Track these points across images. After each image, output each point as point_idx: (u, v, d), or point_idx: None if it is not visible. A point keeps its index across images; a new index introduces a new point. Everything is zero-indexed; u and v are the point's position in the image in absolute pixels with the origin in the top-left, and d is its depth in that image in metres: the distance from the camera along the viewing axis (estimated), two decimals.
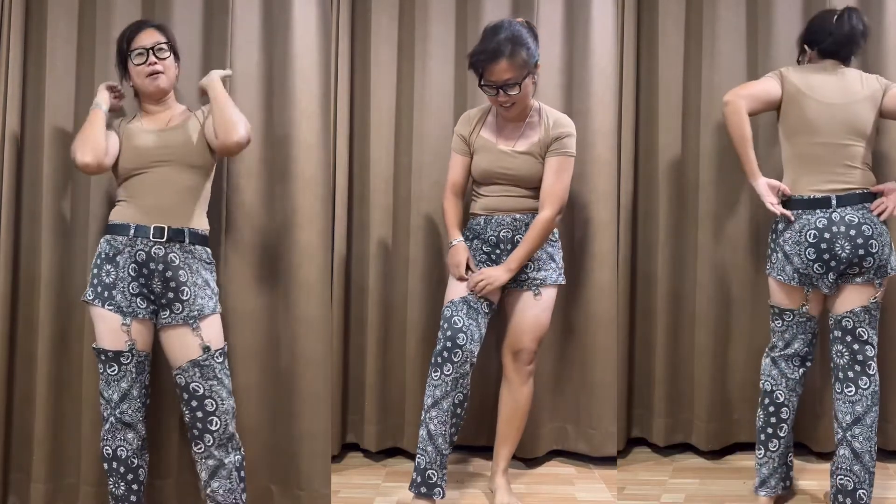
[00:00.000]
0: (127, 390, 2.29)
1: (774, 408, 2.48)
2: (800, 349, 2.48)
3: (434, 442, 2.41)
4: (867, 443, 2.33)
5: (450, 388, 2.41)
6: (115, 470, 2.32)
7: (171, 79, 2.39)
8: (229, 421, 2.29)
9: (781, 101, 2.43)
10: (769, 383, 2.49)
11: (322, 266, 2.62)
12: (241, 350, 2.57)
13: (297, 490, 2.62)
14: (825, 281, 2.37)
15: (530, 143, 2.53)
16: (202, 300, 2.30)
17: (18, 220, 2.61)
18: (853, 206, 2.35)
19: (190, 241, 2.31)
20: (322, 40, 2.67)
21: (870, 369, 2.36)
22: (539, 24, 2.90)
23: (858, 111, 2.39)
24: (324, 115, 2.67)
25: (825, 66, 2.46)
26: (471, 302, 2.50)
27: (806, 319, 2.45)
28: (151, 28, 2.37)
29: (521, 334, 2.58)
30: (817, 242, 2.34)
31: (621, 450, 3.01)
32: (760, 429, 2.51)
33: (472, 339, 2.45)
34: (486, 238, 2.57)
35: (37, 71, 2.60)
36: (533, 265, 2.56)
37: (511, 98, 2.44)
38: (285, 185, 2.61)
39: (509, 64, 2.39)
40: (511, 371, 2.62)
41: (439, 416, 2.41)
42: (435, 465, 2.43)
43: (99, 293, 2.29)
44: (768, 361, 2.51)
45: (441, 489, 2.43)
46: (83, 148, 2.28)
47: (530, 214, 2.55)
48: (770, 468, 2.50)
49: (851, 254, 2.33)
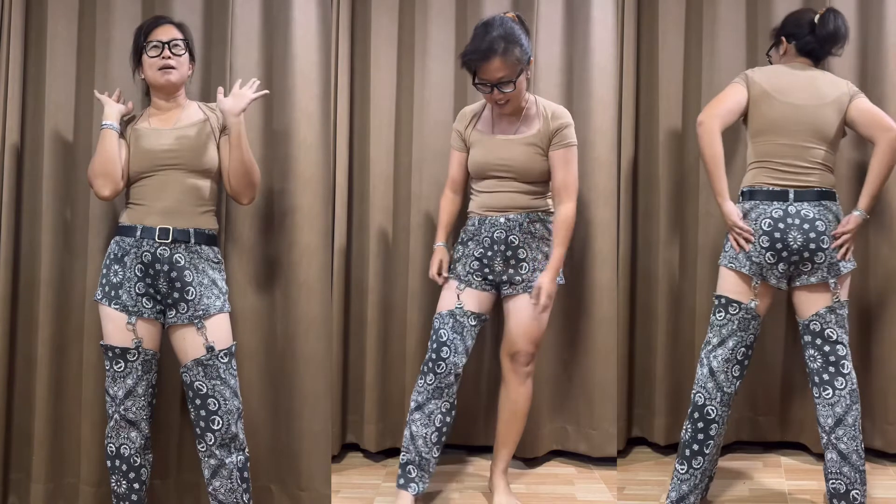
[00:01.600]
0: (132, 387, 2.29)
1: (704, 423, 2.38)
2: (736, 350, 2.40)
3: (415, 443, 2.50)
4: (852, 442, 2.32)
5: (431, 396, 2.50)
6: (117, 468, 2.33)
7: (183, 75, 2.38)
8: (232, 421, 2.29)
9: (748, 104, 2.42)
10: (702, 396, 2.38)
11: (322, 266, 2.62)
12: (241, 350, 2.57)
13: (297, 490, 2.62)
14: (775, 272, 2.36)
15: (529, 133, 2.52)
16: (208, 300, 2.30)
17: (18, 221, 2.61)
18: (810, 201, 2.35)
19: (196, 241, 2.31)
20: (322, 40, 2.67)
21: (844, 368, 2.35)
22: (539, 24, 2.91)
23: (824, 114, 2.38)
24: (324, 115, 2.67)
25: (796, 67, 2.45)
26: (457, 315, 2.53)
27: (751, 317, 2.40)
28: (170, 24, 2.37)
29: (518, 337, 2.57)
30: (771, 231, 2.34)
31: (621, 450, 3.01)
32: (686, 443, 2.40)
33: (457, 352, 2.50)
34: (480, 240, 2.56)
35: (37, 71, 2.60)
36: (529, 266, 2.55)
37: (506, 96, 2.44)
38: (285, 184, 2.61)
39: (503, 62, 2.38)
40: (509, 372, 2.62)
41: (422, 419, 2.50)
42: (414, 464, 2.51)
43: (107, 293, 2.30)
44: (705, 371, 2.40)
45: (416, 485, 2.51)
46: (102, 180, 2.30)
47: (524, 214, 2.54)
48: (691, 484, 2.40)
49: (802, 246, 2.32)
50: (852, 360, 2.39)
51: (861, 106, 2.40)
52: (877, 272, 2.88)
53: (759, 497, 2.69)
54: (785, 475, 2.87)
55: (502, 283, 2.56)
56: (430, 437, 2.51)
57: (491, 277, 2.56)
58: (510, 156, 2.51)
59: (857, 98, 2.41)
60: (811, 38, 2.45)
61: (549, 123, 2.51)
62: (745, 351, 2.41)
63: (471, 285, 2.56)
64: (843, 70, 2.88)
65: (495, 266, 2.55)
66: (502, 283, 2.56)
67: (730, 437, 3.05)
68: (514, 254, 2.53)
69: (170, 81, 2.34)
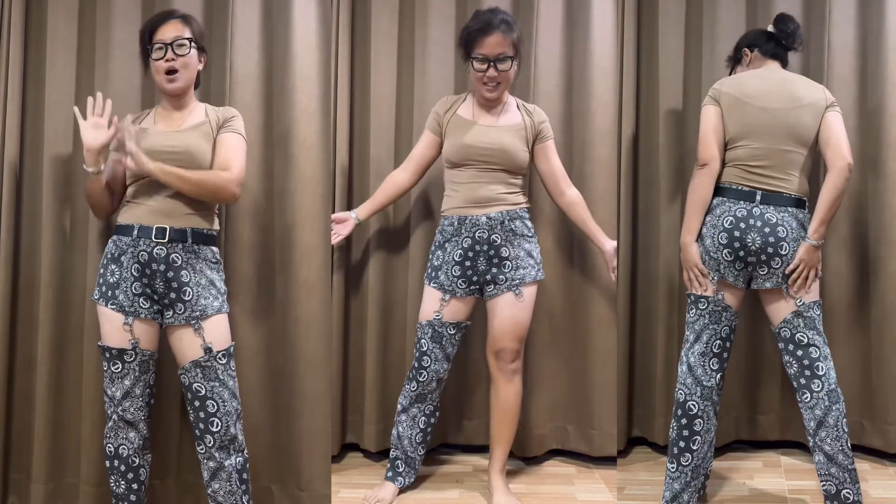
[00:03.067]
0: (129, 388, 2.29)
1: (687, 420, 2.39)
2: (711, 344, 2.40)
3: (402, 442, 2.67)
4: (836, 443, 2.32)
5: (415, 401, 2.64)
6: (115, 468, 2.33)
7: (190, 77, 2.34)
8: (231, 423, 2.28)
9: (722, 118, 2.41)
10: (683, 393, 2.40)
11: (322, 266, 2.62)
12: (241, 350, 2.57)
13: (297, 490, 2.62)
14: (731, 270, 2.36)
15: (514, 123, 2.58)
16: (205, 300, 2.28)
17: (18, 221, 2.61)
18: (777, 206, 2.34)
19: (193, 240, 2.29)
20: (322, 40, 2.67)
21: (818, 370, 2.34)
22: (539, 24, 2.91)
23: (800, 117, 2.36)
24: (324, 115, 2.67)
25: (764, 71, 2.45)
26: (436, 326, 2.58)
27: (721, 309, 2.40)
28: (175, 20, 2.32)
29: (502, 335, 2.59)
30: (731, 229, 2.34)
31: (621, 450, 3.01)
32: (673, 441, 2.41)
33: (437, 360, 2.59)
34: (460, 241, 2.56)
35: (37, 71, 2.60)
36: (511, 264, 2.56)
37: (500, 75, 2.48)
38: (285, 184, 2.61)
39: (503, 37, 2.45)
40: (495, 371, 2.63)
41: (407, 421, 2.66)
42: (401, 460, 2.68)
43: (104, 292, 2.29)
44: (684, 369, 2.42)
45: (402, 479, 2.68)
46: (93, 209, 2.42)
47: (504, 212, 2.54)
48: (683, 483, 2.40)
49: (760, 249, 2.32)
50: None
51: (830, 121, 2.37)
52: (877, 272, 2.88)
53: (759, 497, 2.69)
54: (784, 475, 2.87)
55: (486, 282, 2.58)
56: (414, 438, 2.66)
57: (475, 279, 2.58)
58: (497, 140, 2.54)
59: (832, 111, 2.38)
60: (772, 40, 2.48)
61: (533, 118, 2.60)
62: (721, 343, 2.42)
63: (455, 294, 2.57)
64: (843, 70, 2.89)
65: (479, 266, 2.56)
66: (486, 283, 2.58)
67: (730, 436, 3.05)
68: (496, 253, 2.55)
69: (174, 90, 2.32)
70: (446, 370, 2.63)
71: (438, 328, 2.57)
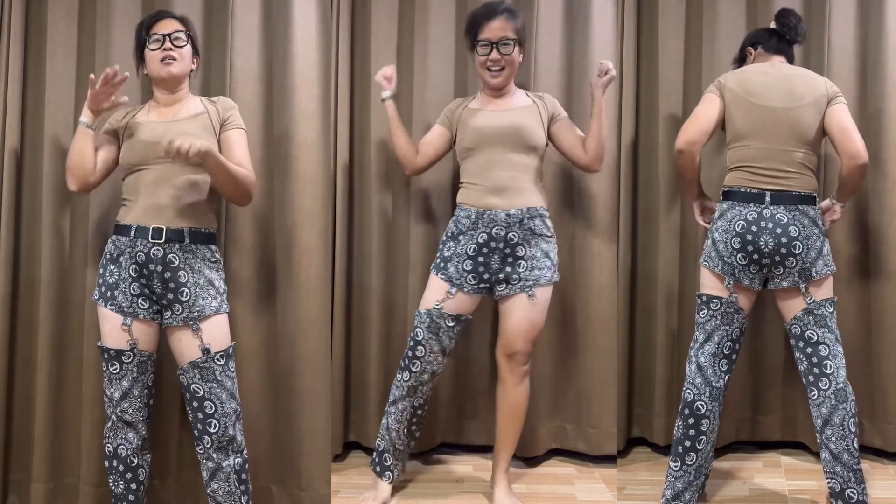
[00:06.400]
0: (128, 389, 2.29)
1: (694, 419, 2.39)
2: (722, 345, 2.41)
3: (390, 434, 2.62)
4: (841, 442, 2.32)
5: (406, 394, 2.57)
6: (114, 468, 2.32)
7: (185, 68, 2.35)
8: (230, 424, 2.27)
9: (724, 112, 2.43)
10: (691, 392, 2.40)
11: (322, 266, 2.62)
12: (241, 350, 2.57)
13: (297, 490, 2.62)
14: (747, 273, 2.37)
15: (525, 104, 2.60)
16: (203, 301, 2.27)
17: (18, 221, 2.61)
18: (787, 206, 2.34)
19: (191, 240, 2.28)
20: (322, 40, 2.67)
21: (826, 369, 2.34)
22: (539, 24, 2.91)
23: (802, 116, 2.36)
24: (324, 115, 2.67)
25: (767, 67, 2.45)
26: (434, 316, 2.52)
27: (734, 311, 2.40)
28: (172, 18, 2.36)
29: (516, 337, 2.55)
30: (743, 233, 2.34)
31: (621, 450, 3.01)
32: (678, 440, 2.41)
33: (432, 351, 2.53)
34: (475, 235, 2.52)
35: (37, 71, 2.60)
36: (526, 264, 2.53)
37: (503, 58, 2.51)
38: (285, 184, 2.61)
39: (507, 21, 2.51)
40: (506, 372, 2.61)
41: (396, 413, 2.60)
42: (389, 452, 2.63)
43: (103, 293, 2.29)
44: (693, 368, 2.42)
45: (391, 473, 2.65)
46: (68, 174, 2.32)
47: (525, 210, 2.52)
48: (686, 482, 2.40)
49: (773, 250, 2.33)
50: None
51: (836, 115, 2.37)
52: (877, 272, 2.88)
53: (759, 497, 2.69)
54: (785, 475, 2.87)
55: (498, 281, 2.55)
56: (402, 431, 2.62)
57: (487, 276, 2.54)
58: (510, 120, 2.55)
59: (836, 103, 2.38)
60: (774, 36, 2.49)
61: (545, 101, 2.63)
62: (732, 345, 2.42)
63: (463, 289, 2.53)
64: (843, 69, 2.88)
65: (492, 264, 2.53)
66: (498, 283, 2.55)
67: (730, 436, 3.05)
68: (512, 251, 2.52)
69: (171, 73, 2.31)
70: (441, 364, 2.57)
71: (437, 318, 2.52)
